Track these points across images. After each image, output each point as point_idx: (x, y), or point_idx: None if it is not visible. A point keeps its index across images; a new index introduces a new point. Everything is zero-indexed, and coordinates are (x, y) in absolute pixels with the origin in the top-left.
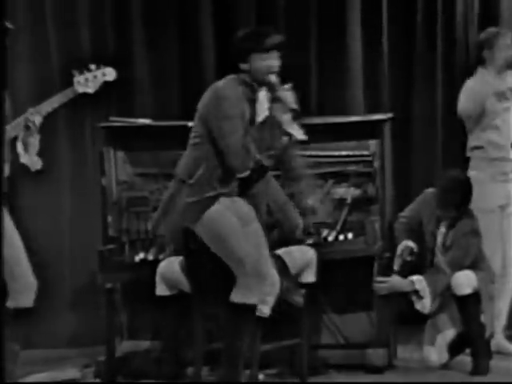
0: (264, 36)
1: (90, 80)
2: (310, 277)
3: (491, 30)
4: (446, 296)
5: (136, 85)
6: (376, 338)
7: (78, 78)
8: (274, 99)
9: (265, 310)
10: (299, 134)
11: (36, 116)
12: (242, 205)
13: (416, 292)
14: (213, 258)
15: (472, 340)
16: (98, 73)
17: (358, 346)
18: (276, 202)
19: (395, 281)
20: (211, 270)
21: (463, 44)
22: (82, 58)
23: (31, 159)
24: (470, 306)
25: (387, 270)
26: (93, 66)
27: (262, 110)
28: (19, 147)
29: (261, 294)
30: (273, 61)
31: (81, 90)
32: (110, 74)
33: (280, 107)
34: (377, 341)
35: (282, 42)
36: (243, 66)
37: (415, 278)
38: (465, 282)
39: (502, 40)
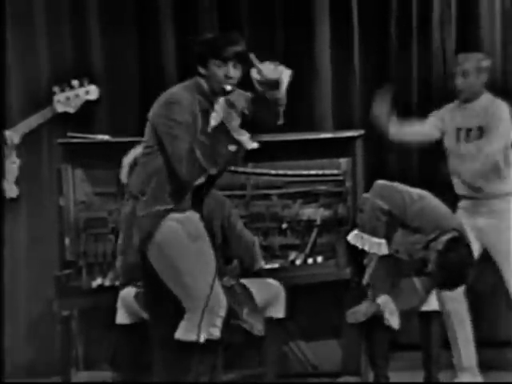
0: (224, 44)
1: (72, 99)
2: (278, 312)
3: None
4: None
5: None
6: (346, 365)
7: (59, 97)
8: (227, 104)
9: (215, 333)
10: (248, 142)
11: (13, 137)
12: (195, 220)
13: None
14: None
15: (426, 363)
16: (81, 91)
17: (328, 374)
18: (231, 228)
19: (364, 308)
20: (170, 297)
21: (440, 57)
22: (41, 75)
23: (8, 185)
24: (432, 325)
25: (357, 298)
26: (75, 83)
27: (216, 121)
28: None
29: (208, 327)
30: (230, 70)
31: (60, 109)
32: (93, 92)
33: (230, 113)
34: (347, 369)
35: (242, 53)
36: (201, 71)
37: (380, 299)
38: (431, 298)
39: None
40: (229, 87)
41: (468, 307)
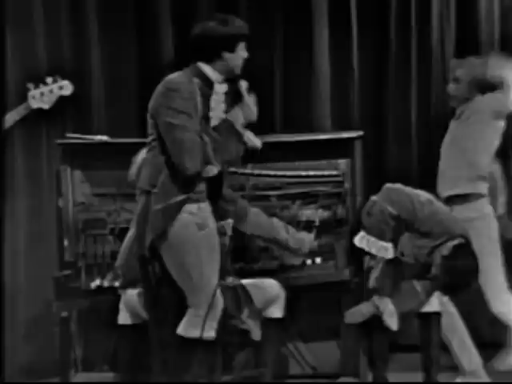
0: (234, 36)
1: (46, 94)
2: (276, 312)
3: None
4: None
5: (93, 100)
6: (345, 367)
7: (33, 93)
8: (238, 103)
9: (210, 334)
10: (255, 141)
11: None
12: (207, 212)
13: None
14: (172, 284)
15: (425, 365)
16: (54, 87)
17: (327, 376)
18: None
19: (363, 308)
20: (170, 297)
21: (439, 57)
22: (38, 72)
23: None
24: (432, 326)
25: (356, 299)
26: (49, 80)
27: (217, 106)
28: None
29: (214, 324)
30: (245, 52)
31: (35, 105)
32: (66, 87)
33: (240, 113)
34: (346, 370)
35: (247, 33)
36: (210, 61)
37: (379, 300)
38: (431, 299)
39: None
40: (244, 84)
41: (460, 312)
